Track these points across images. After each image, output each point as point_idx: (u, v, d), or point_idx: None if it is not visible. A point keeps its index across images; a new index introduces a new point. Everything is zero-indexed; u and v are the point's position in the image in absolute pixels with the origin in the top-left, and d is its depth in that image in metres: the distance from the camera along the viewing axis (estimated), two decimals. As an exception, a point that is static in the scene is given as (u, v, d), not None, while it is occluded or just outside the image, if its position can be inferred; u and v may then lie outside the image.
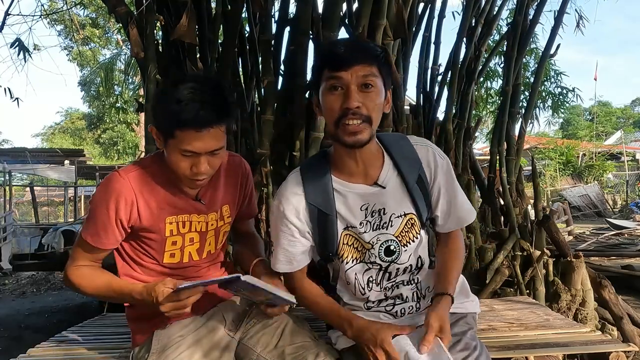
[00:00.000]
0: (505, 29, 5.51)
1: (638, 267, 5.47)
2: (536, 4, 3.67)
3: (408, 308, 1.41)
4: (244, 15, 3.26)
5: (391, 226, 1.35)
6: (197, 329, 1.45)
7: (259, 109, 2.93)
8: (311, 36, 2.83)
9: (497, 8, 3.80)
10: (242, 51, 3.09)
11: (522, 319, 2.09)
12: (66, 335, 2.01)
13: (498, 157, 3.53)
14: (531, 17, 3.63)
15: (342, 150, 1.31)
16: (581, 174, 21.23)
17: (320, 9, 2.93)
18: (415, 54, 3.63)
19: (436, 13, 3.70)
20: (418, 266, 1.40)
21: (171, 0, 2.88)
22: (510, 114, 3.56)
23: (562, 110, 8.93)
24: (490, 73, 6.95)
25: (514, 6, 4.04)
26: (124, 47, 15.09)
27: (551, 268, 3.09)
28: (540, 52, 5.59)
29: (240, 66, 3.14)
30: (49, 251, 7.29)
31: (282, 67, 3.04)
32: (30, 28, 7.41)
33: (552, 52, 3.76)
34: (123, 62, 13.69)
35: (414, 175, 1.36)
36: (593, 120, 32.81)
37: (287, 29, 3.00)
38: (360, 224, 1.35)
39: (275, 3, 3.19)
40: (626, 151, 22.78)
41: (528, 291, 3.01)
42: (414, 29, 3.48)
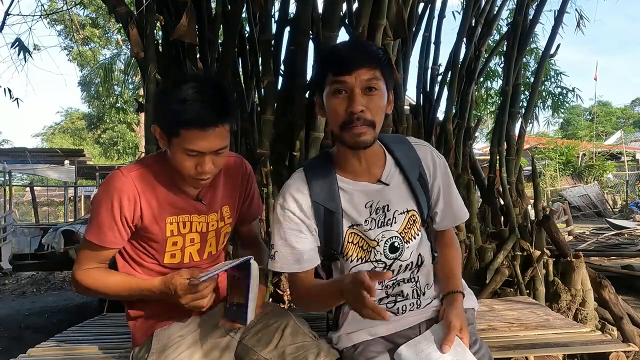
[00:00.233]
0: (505, 29, 5.51)
1: (638, 267, 5.47)
2: (536, 4, 3.68)
3: (409, 305, 1.42)
4: (244, 15, 3.26)
5: (395, 223, 1.38)
6: (197, 329, 1.45)
7: (259, 109, 2.94)
8: (311, 36, 2.84)
9: (497, 8, 3.81)
10: (242, 51, 3.09)
11: (522, 319, 2.09)
12: (66, 335, 2.02)
13: (498, 157, 3.53)
14: (531, 17, 3.64)
15: (346, 150, 1.33)
16: (581, 174, 21.23)
17: (320, 9, 2.93)
18: (415, 54, 3.64)
19: (436, 13, 3.71)
20: (418, 264, 1.42)
21: (171, 0, 2.88)
22: (510, 114, 3.56)
23: (562, 110, 8.93)
24: (490, 73, 6.94)
25: (514, 6, 4.04)
26: (124, 47, 15.09)
27: (551, 268, 3.09)
28: (540, 52, 5.60)
29: (240, 66, 3.15)
30: (49, 251, 7.29)
31: (282, 67, 3.04)
32: (30, 28, 7.45)
33: (552, 52, 3.76)
34: (123, 62, 13.69)
35: (415, 172, 1.39)
36: (593, 120, 32.82)
37: (287, 29, 3.01)
38: (365, 222, 1.36)
39: (275, 3, 3.20)
40: (626, 151, 22.79)
41: (528, 291, 3.01)
42: (414, 29, 3.48)
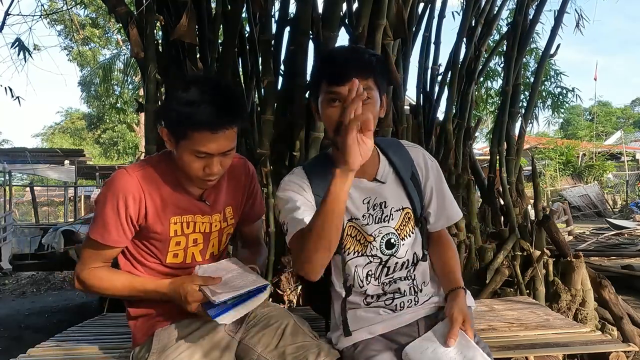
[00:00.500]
0: (505, 29, 5.52)
1: (638, 267, 5.47)
2: (536, 4, 3.67)
3: (407, 302, 1.43)
4: (244, 15, 3.26)
5: (392, 219, 1.42)
6: (198, 329, 1.44)
7: (259, 109, 2.93)
8: (311, 36, 2.83)
9: (497, 8, 3.81)
10: (242, 51, 3.09)
11: (522, 319, 2.09)
12: (66, 335, 2.02)
13: (498, 157, 3.53)
14: (531, 17, 3.63)
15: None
16: (581, 174, 21.23)
17: (320, 9, 2.93)
18: (415, 54, 3.64)
19: (436, 13, 3.71)
20: (414, 262, 1.45)
21: (171, 0, 2.88)
22: (510, 114, 3.56)
23: (562, 110, 8.94)
24: (490, 73, 6.94)
25: (514, 6, 4.05)
26: (124, 47, 15.09)
27: (551, 268, 3.09)
28: (540, 52, 5.60)
29: (240, 66, 3.14)
30: (49, 251, 7.28)
31: (282, 67, 3.04)
32: (30, 28, 7.46)
33: (552, 52, 3.76)
34: (123, 62, 13.68)
35: (408, 172, 1.45)
36: (593, 120, 32.81)
37: (287, 29, 3.00)
38: (363, 217, 1.41)
39: (275, 3, 3.20)
40: (626, 151, 22.79)
41: (528, 291, 3.01)
42: (414, 29, 3.48)
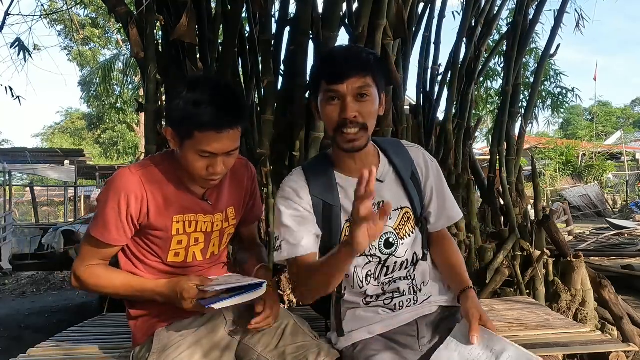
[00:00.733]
0: (505, 29, 5.51)
1: (638, 267, 5.47)
2: (536, 4, 3.67)
3: (406, 301, 1.44)
4: (244, 15, 3.26)
5: (390, 219, 1.41)
6: (198, 329, 1.45)
7: (259, 109, 2.93)
8: (311, 36, 2.83)
9: (497, 8, 3.81)
10: (242, 51, 3.09)
11: (522, 319, 2.09)
12: (66, 335, 2.01)
13: (498, 157, 3.53)
14: (531, 17, 3.63)
15: (341, 151, 1.38)
16: (581, 174, 21.23)
17: (320, 9, 2.92)
18: (415, 54, 3.64)
19: (436, 13, 3.71)
20: (413, 262, 1.46)
21: (171, 0, 2.88)
22: (510, 114, 3.56)
23: (562, 110, 8.94)
24: (490, 73, 6.94)
25: (514, 6, 4.04)
26: (124, 47, 15.09)
27: (551, 268, 3.09)
28: (540, 52, 5.60)
29: (240, 66, 3.14)
30: (49, 251, 7.28)
31: (282, 67, 3.04)
32: (30, 28, 7.46)
33: (552, 52, 3.76)
34: (123, 62, 13.68)
35: (408, 172, 1.45)
36: (593, 120, 32.82)
37: (287, 29, 3.00)
38: None
39: (275, 3, 3.20)
40: (626, 151, 22.79)
41: (528, 291, 3.01)
42: (414, 29, 3.48)
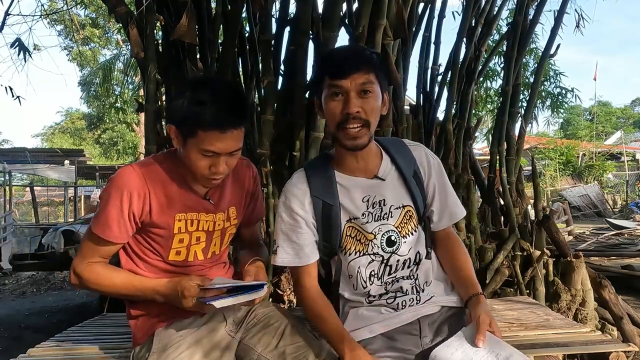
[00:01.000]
0: (505, 29, 5.51)
1: (638, 267, 5.47)
2: (536, 4, 3.67)
3: (409, 300, 1.44)
4: (244, 15, 3.26)
5: (391, 217, 1.43)
6: (198, 329, 1.45)
7: (259, 109, 2.93)
8: (311, 36, 2.83)
9: (497, 8, 3.81)
10: (242, 51, 3.09)
11: (522, 319, 2.09)
12: (66, 335, 2.01)
13: (498, 157, 3.53)
14: (531, 17, 3.63)
15: (343, 150, 1.40)
16: (581, 174, 21.23)
17: (320, 9, 2.93)
18: (415, 54, 3.64)
19: (436, 13, 3.71)
20: (416, 261, 1.45)
21: (171, 0, 2.88)
22: (510, 114, 3.55)
23: (562, 110, 8.94)
24: (490, 73, 6.94)
25: (514, 6, 4.04)
26: (124, 47, 15.09)
27: (551, 268, 3.09)
28: (540, 52, 5.60)
29: (240, 66, 3.14)
30: (49, 251, 7.28)
31: (282, 67, 3.04)
32: (30, 28, 7.47)
33: (552, 52, 3.76)
34: (123, 62, 13.68)
35: (410, 170, 1.46)
36: (593, 120, 32.83)
37: (287, 29, 3.00)
38: (362, 215, 1.41)
39: (275, 3, 3.20)
40: (626, 151, 22.79)
41: (528, 291, 3.01)
42: (414, 29, 3.48)
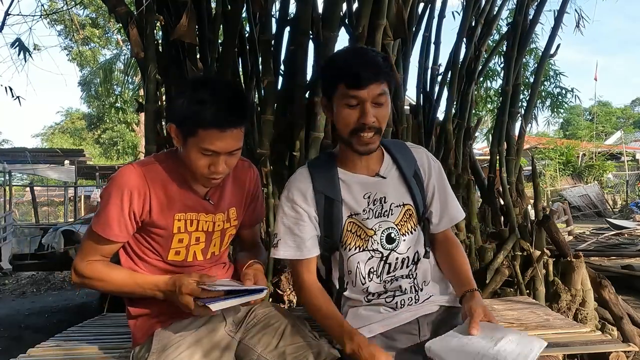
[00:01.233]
0: (505, 29, 5.51)
1: (638, 267, 5.47)
2: (536, 4, 3.67)
3: (407, 300, 1.45)
4: (244, 15, 3.26)
5: (391, 214, 1.45)
6: (198, 329, 1.45)
7: (259, 109, 2.93)
8: (311, 36, 2.83)
9: (497, 8, 3.81)
10: (242, 51, 3.09)
11: (522, 319, 2.09)
12: (66, 335, 2.01)
13: (498, 157, 3.53)
14: (531, 17, 3.63)
15: (348, 150, 1.43)
16: (581, 174, 21.22)
17: (320, 9, 2.92)
18: (415, 54, 3.64)
19: (436, 13, 3.70)
20: (415, 260, 1.47)
21: (171, 0, 2.88)
22: (510, 114, 3.55)
23: (562, 110, 8.95)
24: (490, 73, 6.94)
25: (514, 6, 4.04)
26: (124, 47, 15.10)
27: (551, 268, 3.09)
28: (540, 52, 5.59)
29: (240, 66, 3.14)
30: (49, 251, 7.28)
31: (282, 67, 3.04)
32: (30, 28, 7.48)
33: (552, 52, 3.75)
34: (123, 62, 13.69)
35: (411, 170, 1.49)
36: (593, 120, 32.83)
37: (287, 29, 3.00)
38: (363, 211, 1.44)
39: (275, 3, 3.20)
40: (626, 151, 22.78)
41: (528, 291, 3.01)
42: (414, 29, 3.48)
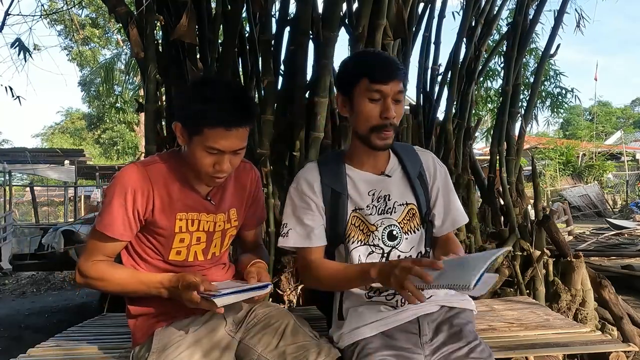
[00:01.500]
0: (505, 29, 5.51)
1: (638, 267, 5.47)
2: (536, 4, 3.67)
3: None
4: (244, 15, 3.26)
5: (394, 212, 1.49)
6: (198, 329, 1.45)
7: (259, 109, 2.93)
8: (311, 36, 2.84)
9: (497, 8, 3.80)
10: (242, 51, 3.08)
11: (522, 319, 2.09)
12: (66, 335, 2.01)
13: (498, 157, 3.53)
14: (531, 17, 3.63)
15: (361, 146, 1.48)
16: (581, 174, 21.22)
17: (320, 9, 2.93)
18: (415, 54, 3.64)
19: (436, 13, 3.70)
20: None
21: (171, 0, 2.88)
22: (510, 114, 3.55)
23: (562, 110, 8.95)
24: (490, 73, 6.93)
25: (514, 6, 4.04)
26: (124, 47, 15.10)
27: (551, 268, 3.09)
28: (540, 52, 5.59)
29: (240, 66, 3.14)
30: (49, 251, 7.28)
31: (282, 67, 3.04)
32: (30, 28, 7.48)
33: (552, 52, 3.75)
34: (123, 62, 13.70)
35: (416, 171, 1.53)
36: (593, 120, 32.83)
37: (287, 29, 3.00)
38: (367, 207, 1.48)
39: (275, 3, 3.19)
40: (626, 151, 22.78)
41: (528, 291, 3.01)
42: (414, 29, 3.47)
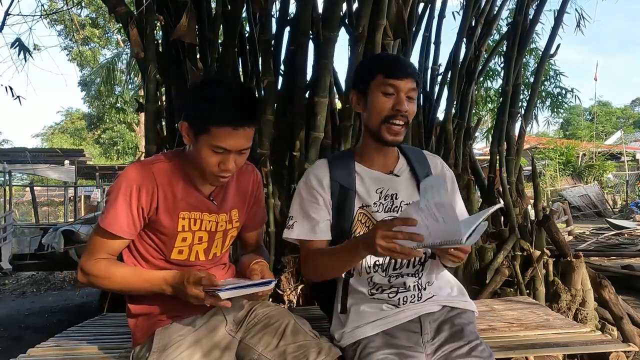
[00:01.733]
0: (505, 29, 5.51)
1: (638, 267, 5.47)
2: (536, 4, 3.67)
3: (410, 297, 1.48)
4: (244, 15, 3.26)
5: (401, 211, 1.49)
6: (198, 329, 1.45)
7: (260, 109, 2.93)
8: (311, 36, 2.84)
9: (497, 8, 3.79)
10: (242, 51, 3.08)
11: (522, 319, 2.09)
12: (66, 335, 2.01)
13: (498, 157, 3.53)
14: (531, 17, 3.62)
15: (371, 143, 1.51)
16: (581, 174, 21.23)
17: (320, 9, 2.93)
18: (415, 54, 3.63)
19: (436, 13, 3.69)
20: (421, 261, 1.51)
21: (171, 0, 2.88)
22: (510, 114, 3.55)
23: (562, 110, 8.95)
24: (490, 73, 6.93)
25: (514, 6, 4.04)
26: (125, 47, 15.11)
27: (551, 268, 3.09)
28: (540, 52, 5.59)
29: (240, 66, 3.14)
30: (49, 251, 7.28)
31: (282, 67, 3.04)
32: (30, 28, 7.48)
33: (552, 52, 3.75)
34: (123, 62, 13.70)
35: (423, 173, 1.55)
36: (593, 120, 32.84)
37: (287, 29, 3.00)
38: (374, 204, 1.50)
39: (275, 3, 3.19)
40: (626, 151, 22.78)
41: (528, 291, 3.01)
42: (414, 29, 3.47)
